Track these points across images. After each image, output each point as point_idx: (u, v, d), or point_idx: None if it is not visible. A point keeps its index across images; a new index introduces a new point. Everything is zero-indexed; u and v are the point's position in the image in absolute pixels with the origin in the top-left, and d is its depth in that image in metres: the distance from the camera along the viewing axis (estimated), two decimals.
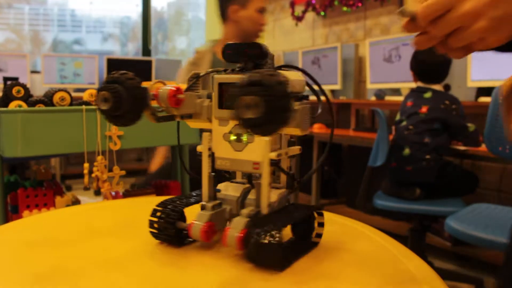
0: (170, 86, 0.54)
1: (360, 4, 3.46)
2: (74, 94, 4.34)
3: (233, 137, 0.55)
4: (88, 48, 6.22)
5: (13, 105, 0.97)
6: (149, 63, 5.22)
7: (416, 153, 2.08)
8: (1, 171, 1.01)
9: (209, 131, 0.57)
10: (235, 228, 0.52)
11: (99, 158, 0.99)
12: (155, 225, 0.57)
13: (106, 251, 0.56)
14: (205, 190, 0.57)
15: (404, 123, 2.19)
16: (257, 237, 0.49)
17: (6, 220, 1.10)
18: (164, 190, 1.16)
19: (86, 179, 1.01)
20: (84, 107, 0.97)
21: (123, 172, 1.05)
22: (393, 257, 0.57)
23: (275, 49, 4.77)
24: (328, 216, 0.76)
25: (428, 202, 2.04)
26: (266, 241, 0.48)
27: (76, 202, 1.17)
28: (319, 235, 0.59)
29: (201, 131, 0.58)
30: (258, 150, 0.53)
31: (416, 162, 2.07)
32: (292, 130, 0.51)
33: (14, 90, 0.96)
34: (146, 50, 5.68)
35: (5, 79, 1.37)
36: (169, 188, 1.16)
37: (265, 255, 0.49)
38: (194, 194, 0.62)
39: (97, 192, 1.08)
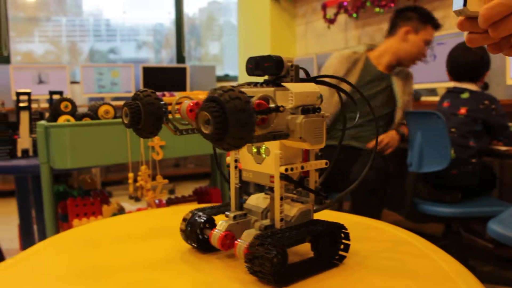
0: (190, 101, 0.56)
1: (392, 5, 3.43)
2: (112, 103, 4.48)
3: (254, 150, 0.56)
4: (123, 57, 6.37)
5: (61, 120, 1.03)
6: (183, 70, 5.32)
7: (461, 156, 2.05)
8: (51, 182, 1.07)
9: None
10: (245, 239, 0.53)
11: (143, 168, 1.03)
12: (183, 233, 0.61)
13: (144, 253, 0.60)
14: (233, 200, 0.60)
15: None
16: (253, 250, 0.50)
17: (57, 227, 1.16)
18: (206, 196, 1.20)
19: (131, 188, 1.06)
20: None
21: (166, 181, 1.09)
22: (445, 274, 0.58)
23: (307, 52, 4.78)
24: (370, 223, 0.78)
25: (467, 203, 2.00)
26: (259, 254, 0.49)
27: (121, 209, 1.22)
28: (342, 257, 0.58)
29: None
30: (272, 163, 0.54)
31: (462, 165, 2.04)
32: (297, 144, 0.51)
33: (62, 105, 1.02)
34: (180, 57, 5.78)
35: (51, 92, 1.45)
36: (210, 194, 1.20)
37: (258, 268, 0.50)
38: (223, 205, 0.64)
39: (137, 199, 1.13)
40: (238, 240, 0.54)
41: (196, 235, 0.59)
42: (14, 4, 5.28)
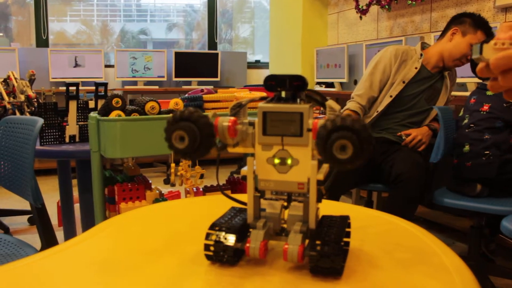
0: (227, 118, 0.60)
1: None
2: (145, 87, 4.59)
3: (277, 161, 0.62)
4: (153, 37, 6.47)
5: (113, 115, 1.13)
6: (215, 55, 5.41)
7: (475, 148, 2.08)
8: (101, 168, 1.18)
9: (252, 155, 0.63)
10: (293, 243, 0.59)
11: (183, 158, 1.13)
12: (211, 248, 0.62)
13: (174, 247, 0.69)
14: (251, 209, 0.64)
15: (466, 120, 2.20)
16: (320, 249, 0.57)
17: (104, 209, 1.28)
18: (238, 186, 1.29)
19: (172, 177, 1.16)
20: (171, 115, 1.11)
21: (204, 171, 1.19)
22: (434, 252, 0.66)
23: (339, 42, 4.80)
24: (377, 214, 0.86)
25: (491, 200, 2.04)
26: (327, 252, 0.57)
27: (161, 194, 1.33)
28: (347, 243, 0.67)
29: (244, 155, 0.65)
30: (304, 172, 0.61)
31: (475, 157, 2.08)
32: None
33: (113, 101, 1.12)
34: (212, 43, 5.86)
35: (96, 84, 1.56)
36: (242, 184, 1.29)
37: (327, 265, 0.57)
38: (236, 212, 0.69)
39: (173, 185, 1.22)
40: (287, 245, 0.59)
41: (230, 250, 0.62)
42: None
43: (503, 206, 1.96)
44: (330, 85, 4.59)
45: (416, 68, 2.44)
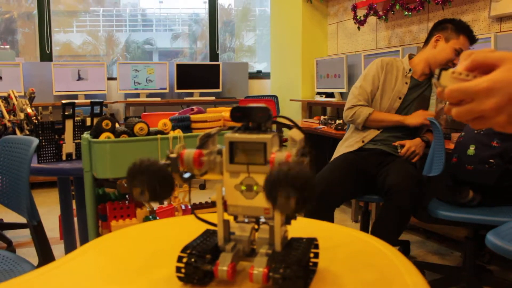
0: (192, 150, 0.64)
1: (421, 8, 3.47)
2: (147, 99, 4.64)
3: (244, 187, 0.65)
4: (158, 47, 6.52)
5: (103, 136, 1.18)
6: (216, 67, 5.46)
7: (481, 153, 2.06)
8: (94, 187, 1.22)
9: (220, 182, 0.67)
10: (259, 266, 0.62)
11: None
12: (183, 270, 0.66)
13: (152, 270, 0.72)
14: (221, 233, 0.67)
15: None
16: (283, 271, 0.60)
17: (97, 226, 1.32)
18: None
19: None
20: (159, 136, 1.16)
21: (192, 189, 1.23)
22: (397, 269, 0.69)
23: (338, 52, 4.84)
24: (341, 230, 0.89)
25: (482, 210, 2.05)
26: (289, 274, 0.60)
27: (152, 211, 1.37)
28: (316, 264, 0.70)
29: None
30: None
31: (479, 163, 2.05)
32: None
33: (103, 123, 1.17)
34: (213, 54, 5.92)
35: (92, 103, 1.61)
36: None
37: (289, 286, 0.60)
38: (207, 235, 0.72)
39: (161, 203, 1.26)
40: (254, 268, 0.62)
41: (200, 272, 0.65)
42: None
43: (493, 217, 1.97)
44: (330, 95, 4.63)
45: (406, 83, 2.49)
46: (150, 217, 1.29)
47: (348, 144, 2.53)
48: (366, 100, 2.50)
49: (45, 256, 1.44)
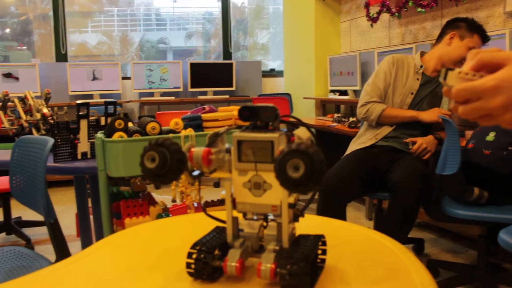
0: (201, 148, 0.65)
1: (434, 4, 3.44)
2: (161, 98, 4.68)
3: (252, 185, 0.67)
4: (172, 46, 6.56)
5: (116, 136, 1.20)
6: (230, 65, 5.49)
7: (501, 140, 2.04)
8: (108, 186, 1.25)
9: (229, 180, 0.68)
10: (266, 262, 0.64)
11: (183, 176, 1.19)
12: (192, 266, 0.67)
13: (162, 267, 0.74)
14: (229, 229, 0.69)
15: None
16: (290, 268, 0.61)
17: (112, 223, 1.34)
18: None
19: (173, 193, 1.22)
20: (171, 135, 1.17)
21: (203, 187, 1.24)
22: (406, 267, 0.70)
23: (351, 49, 4.83)
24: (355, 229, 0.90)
25: (496, 208, 2.03)
26: (296, 270, 0.61)
27: (165, 209, 1.39)
28: (323, 261, 0.71)
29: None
30: (277, 195, 0.65)
31: (497, 148, 2.03)
32: None
33: (116, 123, 1.19)
34: (226, 53, 5.94)
35: (106, 103, 1.63)
36: None
37: (296, 282, 0.62)
38: (217, 232, 0.73)
39: (174, 201, 1.28)
40: (262, 264, 0.64)
41: (209, 268, 0.67)
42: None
43: (506, 215, 1.95)
44: (344, 92, 4.62)
45: (418, 79, 2.49)
46: (163, 214, 1.31)
47: (361, 141, 2.53)
48: (379, 96, 2.50)
49: (62, 253, 1.48)
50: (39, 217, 1.44)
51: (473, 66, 0.61)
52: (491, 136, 2.08)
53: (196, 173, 0.67)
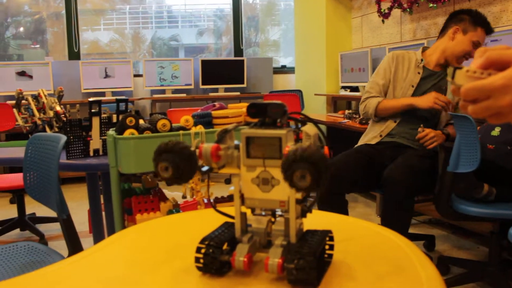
0: (210, 144, 0.66)
1: (446, 0, 3.42)
2: (172, 95, 4.70)
3: (260, 181, 0.68)
4: (184, 43, 6.58)
5: (127, 133, 1.22)
6: (241, 62, 5.49)
7: (505, 134, 2.05)
8: (119, 182, 1.27)
9: (238, 175, 0.69)
10: (274, 257, 0.65)
11: None
12: (201, 260, 0.69)
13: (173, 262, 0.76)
14: (238, 225, 0.70)
15: None
16: (297, 262, 0.63)
17: (123, 219, 1.36)
18: None
19: (184, 189, 1.23)
20: (181, 132, 1.19)
21: (213, 184, 1.26)
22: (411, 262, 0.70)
23: (362, 45, 4.81)
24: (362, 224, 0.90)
25: (506, 205, 2.02)
26: (303, 265, 0.62)
27: (176, 205, 1.40)
28: (331, 256, 0.72)
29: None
30: (284, 191, 0.66)
31: (501, 143, 2.04)
32: None
33: (127, 120, 1.21)
34: (238, 50, 5.95)
35: (117, 100, 1.65)
36: None
37: (303, 276, 0.63)
38: (225, 227, 0.74)
39: (184, 197, 1.30)
40: (269, 259, 0.64)
41: (217, 262, 0.68)
42: None
43: None
44: (355, 89, 4.61)
45: (419, 73, 2.48)
46: (174, 210, 1.33)
47: (367, 139, 2.53)
48: (378, 92, 2.50)
49: (75, 248, 1.50)
50: (53, 213, 1.46)
51: (482, 64, 0.61)
52: (496, 131, 2.09)
53: (205, 169, 0.68)
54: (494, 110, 0.58)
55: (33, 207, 3.68)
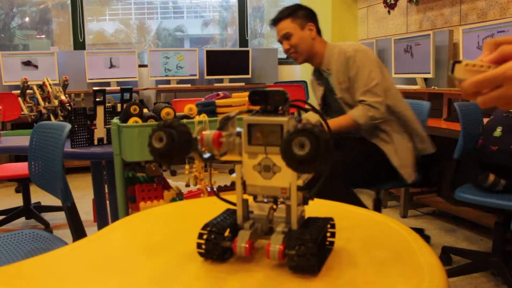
0: (212, 131, 0.66)
1: None
2: (177, 86, 4.70)
3: (262, 168, 0.68)
4: (189, 34, 6.57)
5: (131, 121, 1.22)
6: (246, 53, 5.48)
7: (507, 135, 2.05)
8: (123, 170, 1.27)
9: (240, 163, 0.69)
10: (275, 243, 0.65)
11: (197, 161, 1.21)
12: (203, 246, 0.69)
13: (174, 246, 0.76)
14: (240, 211, 0.71)
15: None
16: (298, 249, 0.63)
17: (127, 207, 1.37)
18: None
19: (187, 178, 1.24)
20: (184, 120, 1.19)
21: (216, 172, 1.26)
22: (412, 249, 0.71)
23: (368, 36, 4.78)
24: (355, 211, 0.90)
25: (509, 196, 2.03)
26: (304, 251, 0.63)
27: (179, 193, 1.41)
28: (332, 243, 0.73)
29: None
30: (286, 178, 0.67)
31: (504, 144, 2.04)
32: None
33: (131, 109, 1.21)
34: (243, 40, 5.93)
35: (122, 89, 1.65)
36: None
37: (303, 263, 0.63)
38: (227, 214, 0.74)
39: (187, 185, 1.30)
40: (271, 245, 0.65)
41: (219, 248, 0.68)
42: None
43: None
44: None
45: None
46: (177, 199, 1.33)
47: None
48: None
49: (79, 236, 1.51)
50: (57, 203, 1.47)
51: (494, 58, 0.61)
52: (498, 132, 2.09)
53: (206, 155, 0.68)
54: (506, 98, 0.59)
55: (38, 196, 3.70)
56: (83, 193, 4.02)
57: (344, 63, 2.21)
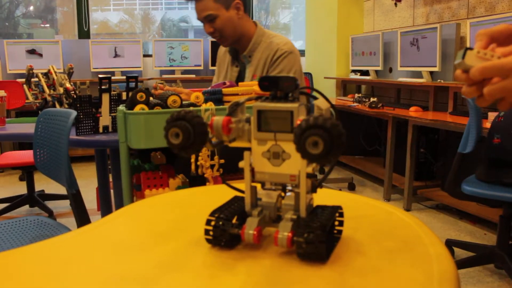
0: (221, 117, 0.65)
1: None
2: (182, 76, 4.69)
3: (271, 155, 0.67)
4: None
5: (137, 108, 1.21)
6: None
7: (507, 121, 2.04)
8: (129, 158, 1.27)
9: (249, 149, 0.68)
10: (284, 230, 0.65)
11: (204, 149, 1.20)
12: (211, 233, 0.69)
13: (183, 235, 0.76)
14: (248, 198, 0.70)
15: None
16: (306, 236, 0.62)
17: (132, 195, 1.37)
18: None
19: (193, 166, 1.23)
20: (192, 108, 1.18)
21: (222, 161, 1.26)
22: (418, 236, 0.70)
23: (374, 29, 4.75)
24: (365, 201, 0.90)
25: None
26: (312, 239, 0.62)
27: (185, 182, 1.41)
28: (340, 232, 0.73)
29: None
30: (295, 165, 0.66)
31: (507, 133, 2.03)
32: None
33: (138, 96, 1.21)
34: None
35: (127, 77, 1.65)
36: None
37: (312, 250, 0.63)
38: (235, 201, 0.74)
39: (193, 174, 1.29)
40: (279, 233, 0.65)
41: (227, 235, 0.68)
42: None
43: None
44: (365, 73, 4.57)
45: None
46: (183, 187, 1.33)
47: None
48: None
49: (84, 223, 1.51)
50: (61, 191, 1.47)
51: (487, 42, 0.62)
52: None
53: (216, 142, 0.68)
54: (510, 91, 0.58)
55: (42, 184, 3.71)
56: (86, 182, 4.03)
57: (271, 57, 2.04)
